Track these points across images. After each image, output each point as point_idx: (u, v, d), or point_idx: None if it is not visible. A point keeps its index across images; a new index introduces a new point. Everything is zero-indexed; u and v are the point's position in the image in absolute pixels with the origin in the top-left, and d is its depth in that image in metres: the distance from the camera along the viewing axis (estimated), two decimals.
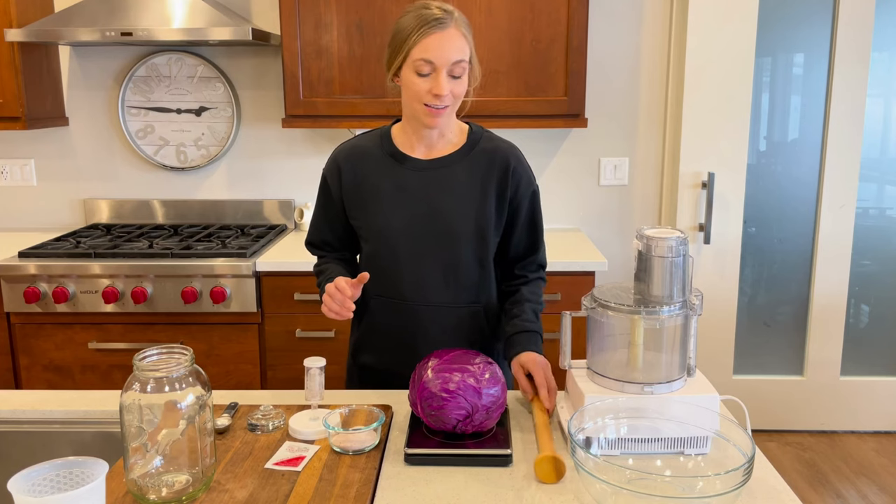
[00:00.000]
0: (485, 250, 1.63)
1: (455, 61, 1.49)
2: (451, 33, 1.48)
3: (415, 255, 1.61)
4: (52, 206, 3.23)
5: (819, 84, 3.12)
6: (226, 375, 2.66)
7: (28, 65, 2.85)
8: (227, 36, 2.58)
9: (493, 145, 1.64)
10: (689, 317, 1.32)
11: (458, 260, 1.61)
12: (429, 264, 1.61)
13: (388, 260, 1.63)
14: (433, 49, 1.47)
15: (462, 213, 1.60)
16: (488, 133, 1.67)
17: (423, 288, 1.62)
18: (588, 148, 3.14)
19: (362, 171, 1.64)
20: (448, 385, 1.29)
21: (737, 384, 3.32)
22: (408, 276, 1.62)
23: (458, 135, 1.65)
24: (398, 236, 1.61)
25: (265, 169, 3.18)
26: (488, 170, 1.61)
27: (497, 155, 1.62)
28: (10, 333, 2.65)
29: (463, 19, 1.53)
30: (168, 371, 1.13)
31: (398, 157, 1.63)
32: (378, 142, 1.66)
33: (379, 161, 1.63)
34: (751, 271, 3.29)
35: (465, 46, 1.50)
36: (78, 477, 1.05)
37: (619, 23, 3.05)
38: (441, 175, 1.61)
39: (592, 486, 1.09)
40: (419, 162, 1.62)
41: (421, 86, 1.50)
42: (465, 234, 1.60)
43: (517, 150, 1.66)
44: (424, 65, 1.48)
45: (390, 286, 1.64)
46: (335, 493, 1.17)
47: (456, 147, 1.63)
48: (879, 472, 3.03)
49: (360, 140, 1.68)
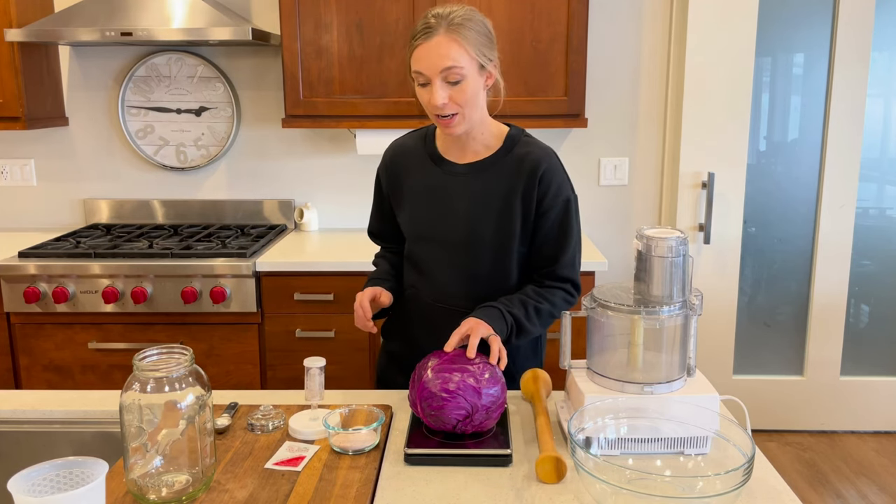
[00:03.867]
0: (507, 259, 1.59)
1: (445, 68, 1.45)
2: (438, 41, 1.44)
3: (438, 259, 1.62)
4: (52, 206, 3.23)
5: (819, 84, 3.12)
6: (226, 375, 2.66)
7: (28, 65, 2.85)
8: (227, 36, 2.58)
9: (527, 150, 1.59)
10: (689, 317, 1.32)
11: (478, 266, 1.60)
12: (450, 269, 1.62)
13: (417, 258, 1.67)
14: (421, 60, 1.46)
15: (485, 220, 1.57)
16: (527, 137, 1.63)
17: (444, 291, 1.63)
18: (588, 148, 3.14)
19: (404, 169, 1.66)
20: (448, 385, 1.29)
21: (737, 384, 3.32)
22: (430, 277, 1.64)
23: (495, 139, 1.61)
24: (425, 238, 1.63)
25: (265, 169, 3.18)
26: (517, 175, 1.56)
27: (527, 159, 1.57)
28: (10, 333, 2.65)
29: (466, 22, 1.46)
30: (168, 371, 1.13)
31: (436, 159, 1.63)
32: (422, 142, 1.67)
33: (419, 161, 1.65)
34: (751, 271, 3.29)
35: (457, 52, 1.45)
36: (78, 477, 1.05)
37: (619, 23, 3.05)
38: (473, 180, 1.59)
39: (592, 486, 1.09)
40: (455, 166, 1.61)
41: (423, 97, 1.50)
42: (486, 242, 1.58)
43: (552, 157, 1.59)
44: (419, 76, 1.48)
45: (419, 282, 1.67)
46: (335, 493, 1.17)
47: (491, 151, 1.60)
48: (879, 472, 3.03)
49: (407, 139, 1.71)
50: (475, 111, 1.53)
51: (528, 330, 1.56)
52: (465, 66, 1.46)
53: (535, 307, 1.56)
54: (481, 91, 1.53)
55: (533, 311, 1.56)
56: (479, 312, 1.51)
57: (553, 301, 1.59)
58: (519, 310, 1.54)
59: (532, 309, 1.56)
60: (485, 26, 1.51)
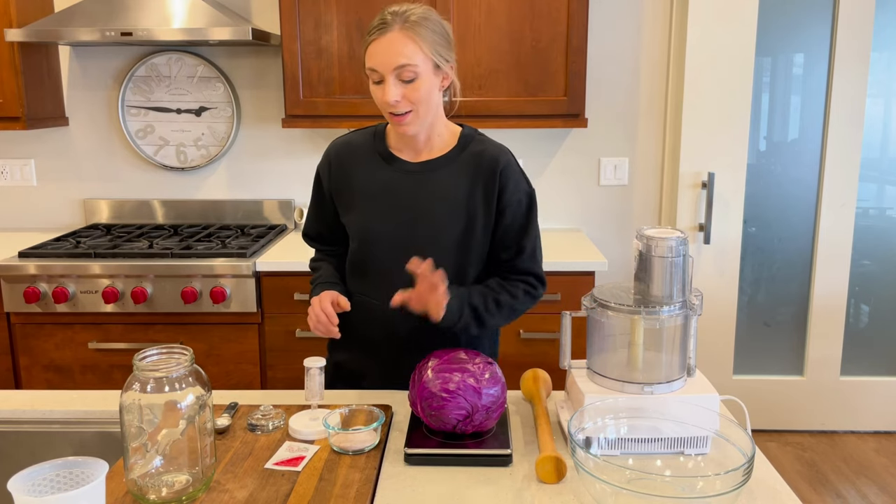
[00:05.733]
0: (467, 259, 1.58)
1: (398, 66, 1.43)
2: (392, 37, 1.42)
3: (393, 260, 1.56)
4: (52, 206, 3.23)
5: (819, 84, 3.12)
6: (226, 375, 2.66)
7: (28, 65, 2.85)
8: (227, 36, 2.58)
9: (483, 148, 1.58)
10: (689, 317, 1.32)
11: (437, 267, 1.56)
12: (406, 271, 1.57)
13: (367, 261, 1.61)
14: (374, 56, 1.45)
15: (445, 219, 1.55)
16: (480, 136, 1.62)
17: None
18: (588, 148, 3.14)
19: (351, 168, 1.61)
20: (448, 385, 1.29)
21: (737, 384, 3.32)
22: (384, 279, 1.58)
23: (449, 137, 1.60)
24: (378, 239, 1.58)
25: (265, 169, 3.17)
26: (476, 174, 1.55)
27: (485, 157, 1.56)
28: (10, 333, 2.65)
29: (422, 20, 1.44)
30: (168, 371, 1.13)
31: (387, 157, 1.60)
32: (371, 139, 1.63)
33: (368, 160, 1.60)
34: (751, 271, 3.29)
35: (411, 49, 1.43)
36: (78, 477, 1.05)
37: (619, 23, 3.05)
38: (427, 179, 1.56)
39: (592, 486, 1.09)
40: (407, 164, 1.58)
41: (376, 94, 1.48)
42: (447, 241, 1.56)
43: (508, 154, 1.59)
44: (373, 73, 1.47)
45: (368, 287, 1.62)
46: (335, 493, 1.17)
47: (445, 150, 1.58)
48: (879, 472, 3.03)
49: (354, 136, 1.65)
50: (429, 111, 1.51)
51: (487, 321, 1.55)
52: (419, 65, 1.44)
53: (494, 298, 1.55)
54: (436, 91, 1.50)
55: (493, 301, 1.55)
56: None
57: (514, 293, 1.58)
58: (478, 300, 1.54)
59: (492, 300, 1.55)
60: (442, 27, 1.50)
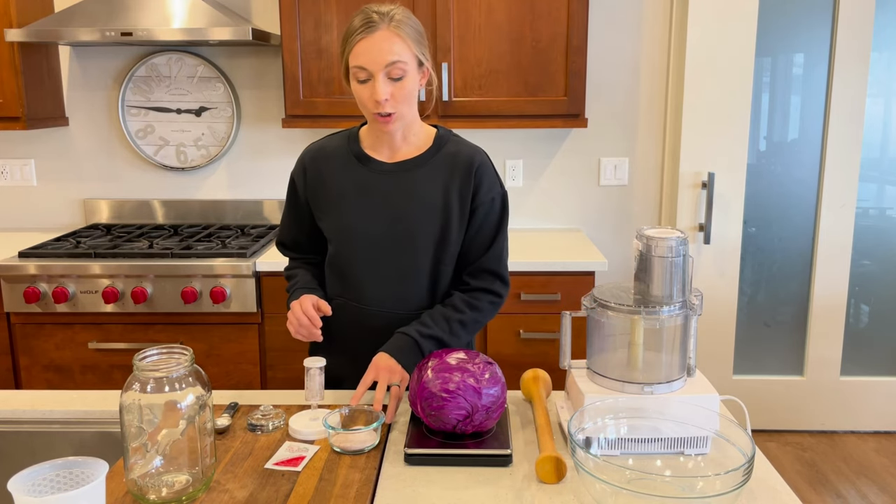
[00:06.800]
0: (443, 257, 1.60)
1: (390, 63, 1.45)
2: (382, 35, 1.45)
3: (372, 259, 1.59)
4: (52, 206, 3.23)
5: (819, 84, 3.12)
6: (226, 375, 2.66)
7: (28, 65, 2.85)
8: (227, 36, 2.58)
9: (458, 148, 1.61)
10: (689, 317, 1.32)
11: (415, 266, 1.59)
12: (385, 269, 1.60)
13: (345, 262, 1.63)
14: (363, 54, 1.46)
15: (422, 218, 1.57)
16: (455, 137, 1.65)
17: (378, 293, 1.61)
18: (588, 148, 3.14)
19: (326, 172, 1.62)
20: (448, 385, 1.29)
21: (737, 384, 3.32)
22: (364, 279, 1.61)
23: (425, 138, 1.62)
24: (357, 239, 1.60)
25: (265, 169, 3.17)
26: (451, 173, 1.58)
27: (460, 157, 1.59)
28: (10, 333, 2.65)
29: (405, 20, 1.48)
30: (168, 371, 1.13)
31: (362, 158, 1.61)
32: (345, 142, 1.64)
33: (343, 162, 1.62)
34: (751, 271, 3.29)
35: (400, 47, 1.46)
36: (78, 477, 1.05)
37: (619, 23, 3.05)
38: (403, 179, 1.58)
39: (592, 486, 1.09)
40: (383, 165, 1.60)
41: (362, 93, 1.49)
42: (424, 240, 1.58)
43: (482, 154, 1.62)
44: (360, 71, 1.47)
45: (348, 288, 1.64)
46: (335, 493, 1.17)
47: (421, 151, 1.60)
48: (879, 472, 3.03)
49: (327, 141, 1.67)
50: (410, 109, 1.54)
51: (451, 344, 1.58)
52: (408, 62, 1.48)
53: (459, 320, 1.58)
54: (417, 88, 1.53)
55: (457, 324, 1.58)
56: (392, 346, 1.53)
57: (479, 307, 1.61)
58: (441, 328, 1.56)
59: (456, 323, 1.58)
60: (420, 26, 1.54)
